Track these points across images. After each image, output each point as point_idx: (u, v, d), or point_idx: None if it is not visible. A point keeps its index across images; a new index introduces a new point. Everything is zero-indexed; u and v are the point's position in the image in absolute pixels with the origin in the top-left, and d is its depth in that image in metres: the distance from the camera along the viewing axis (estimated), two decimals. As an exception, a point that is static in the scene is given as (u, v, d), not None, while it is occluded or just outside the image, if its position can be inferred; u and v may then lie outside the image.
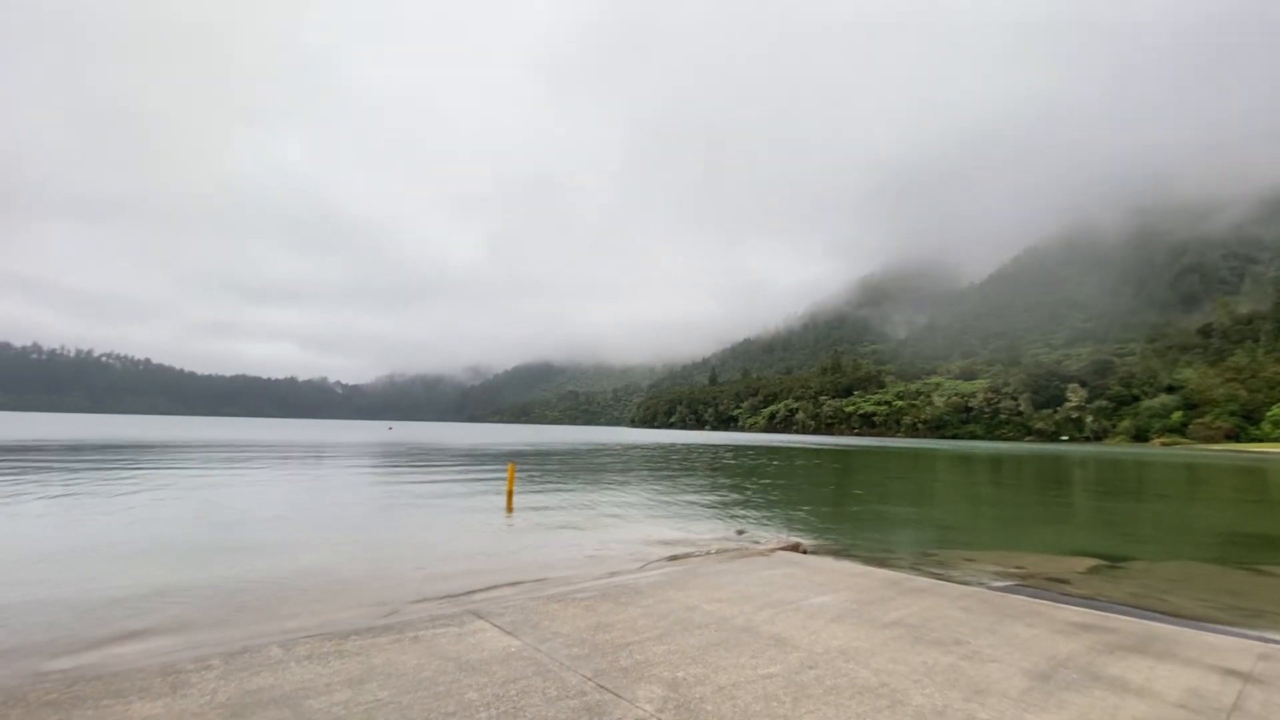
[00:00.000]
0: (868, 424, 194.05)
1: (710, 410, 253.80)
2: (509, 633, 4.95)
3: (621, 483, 20.21)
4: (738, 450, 50.28)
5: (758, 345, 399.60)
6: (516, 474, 17.09)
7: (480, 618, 5.37)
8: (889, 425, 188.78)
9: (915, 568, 8.69)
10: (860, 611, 5.77)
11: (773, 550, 8.75)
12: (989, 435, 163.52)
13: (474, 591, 6.54)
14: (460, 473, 22.35)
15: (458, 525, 11.04)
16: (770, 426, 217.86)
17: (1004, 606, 6.16)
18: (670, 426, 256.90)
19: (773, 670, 4.26)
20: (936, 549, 10.52)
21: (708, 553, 9.01)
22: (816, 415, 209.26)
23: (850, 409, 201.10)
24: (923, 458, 48.81)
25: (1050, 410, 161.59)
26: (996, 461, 46.16)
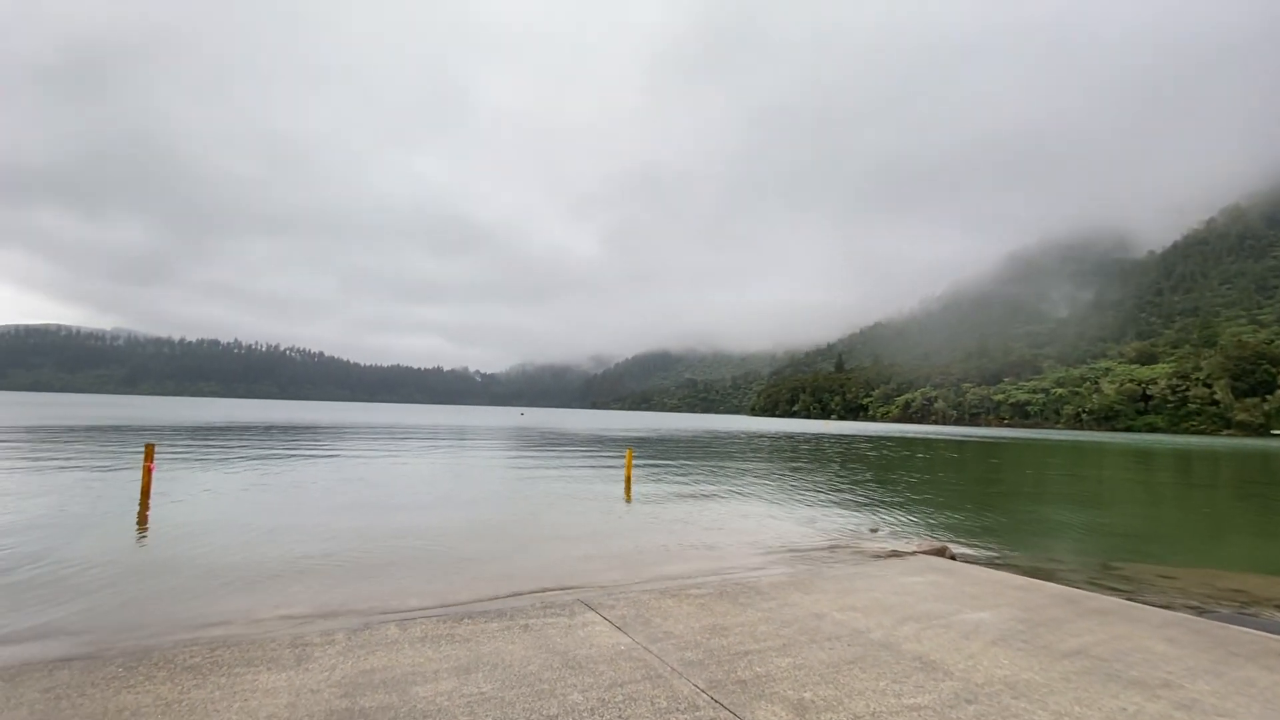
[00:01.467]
0: (1019, 414, 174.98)
1: (837, 399, 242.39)
2: (619, 628, 4.68)
3: (742, 472, 19.56)
4: (875, 441, 47.23)
5: (889, 329, 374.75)
6: (635, 461, 17.07)
7: (591, 609, 5.16)
8: (1046, 415, 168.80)
9: (1094, 583, 7.34)
10: (1029, 634, 4.84)
11: (914, 553, 7.80)
12: (1174, 428, 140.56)
13: (587, 581, 6.37)
14: (582, 458, 22.89)
15: (576, 511, 11.11)
16: (904, 416, 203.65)
17: (1228, 641, 4.88)
18: (793, 415, 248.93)
19: (920, 701, 3.59)
20: (1120, 561, 8.88)
21: (835, 550, 8.24)
22: (958, 404, 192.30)
23: (999, 397, 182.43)
24: (1090, 453, 42.85)
25: (1257, 399, 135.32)
26: (1186, 458, 39.35)
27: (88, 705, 3.23)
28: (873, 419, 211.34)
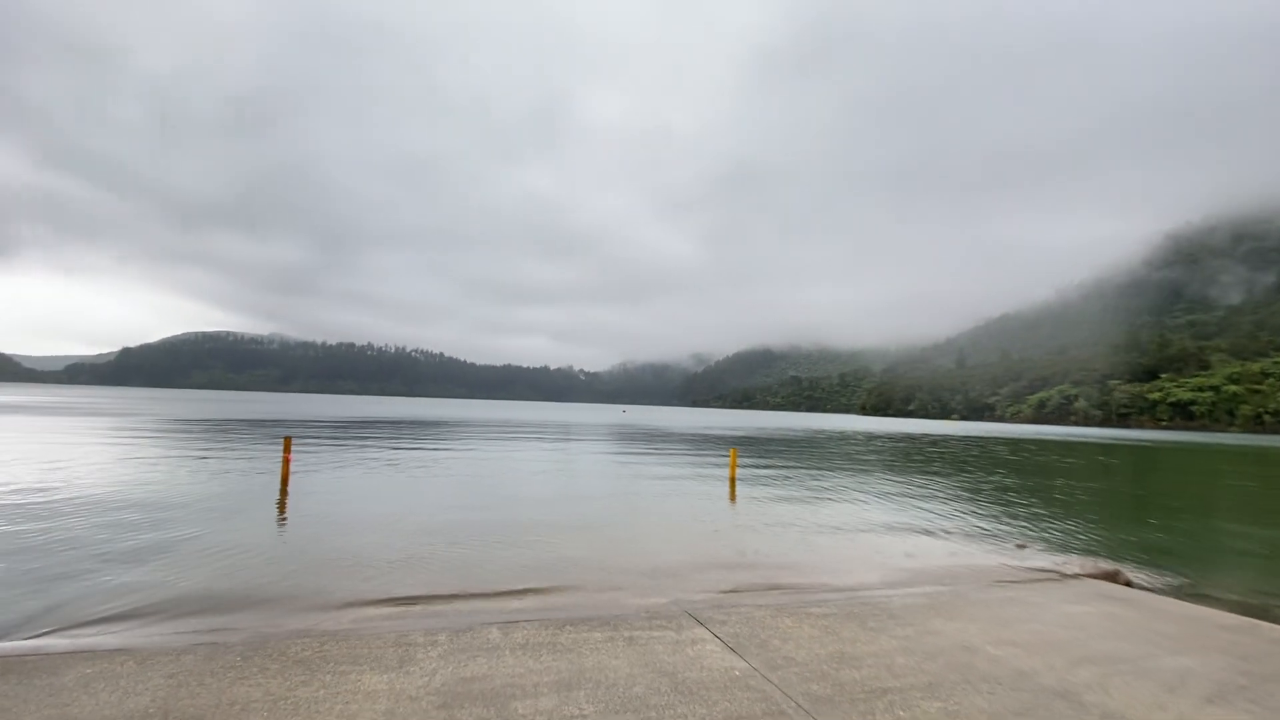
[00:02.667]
0: (1182, 415, 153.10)
1: (958, 397, 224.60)
2: (732, 649, 4.20)
3: (858, 474, 18.27)
4: (1012, 443, 42.95)
5: (1018, 321, 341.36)
6: (739, 461, 16.43)
7: (700, 623, 4.72)
8: (1215, 417, 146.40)
9: (1330, 626, 5.84)
10: (1256, 692, 3.81)
11: (1077, 576, 6.65)
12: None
13: (693, 589, 5.94)
14: (684, 456, 22.51)
15: (679, 511, 10.72)
16: (1038, 417, 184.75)
17: None
18: (908, 415, 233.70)
19: (1126, 777, 2.82)
20: (1357, 598, 7.09)
21: (976, 567, 7.22)
22: (1104, 404, 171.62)
23: (1155, 396, 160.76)
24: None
25: None
26: None
27: (204, 696, 3.26)
28: (1000, 420, 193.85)
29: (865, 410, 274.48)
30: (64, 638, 4.26)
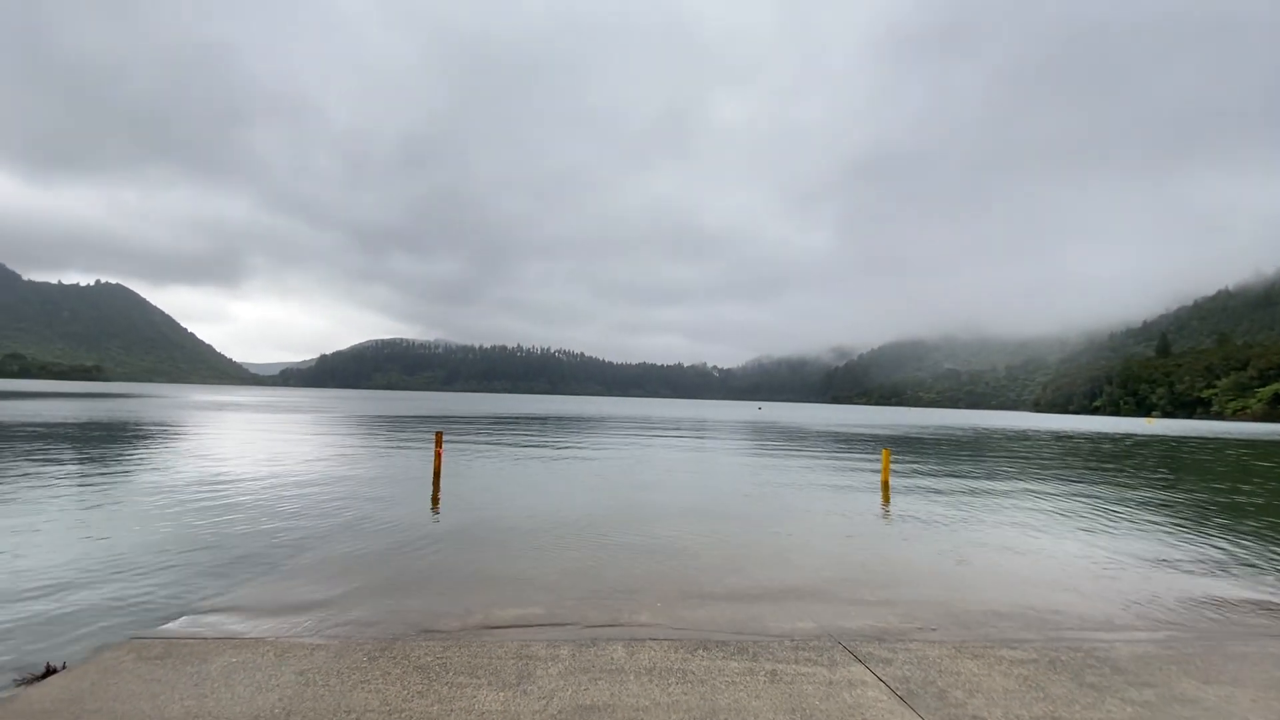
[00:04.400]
0: None
1: (1160, 390, 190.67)
2: (902, 698, 3.42)
3: (1040, 479, 15.75)
4: (1254, 446, 35.20)
5: (1240, 299, 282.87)
6: (891, 463, 14.85)
7: (857, 659, 3.97)
8: None
9: None
10: None
11: (1399, 633, 4.85)
12: None
13: (845, 614, 5.13)
14: (825, 457, 21.02)
15: (824, 519, 9.75)
16: (1272, 413, 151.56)
17: None
18: (1094, 412, 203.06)
19: None
20: None
21: (1224, 606, 5.58)
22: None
23: None
24: None
25: None
26: None
27: (327, 699, 3.19)
28: (1219, 416, 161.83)
29: (1039, 407, 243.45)
30: (222, 617, 4.55)
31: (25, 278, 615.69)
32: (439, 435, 13.56)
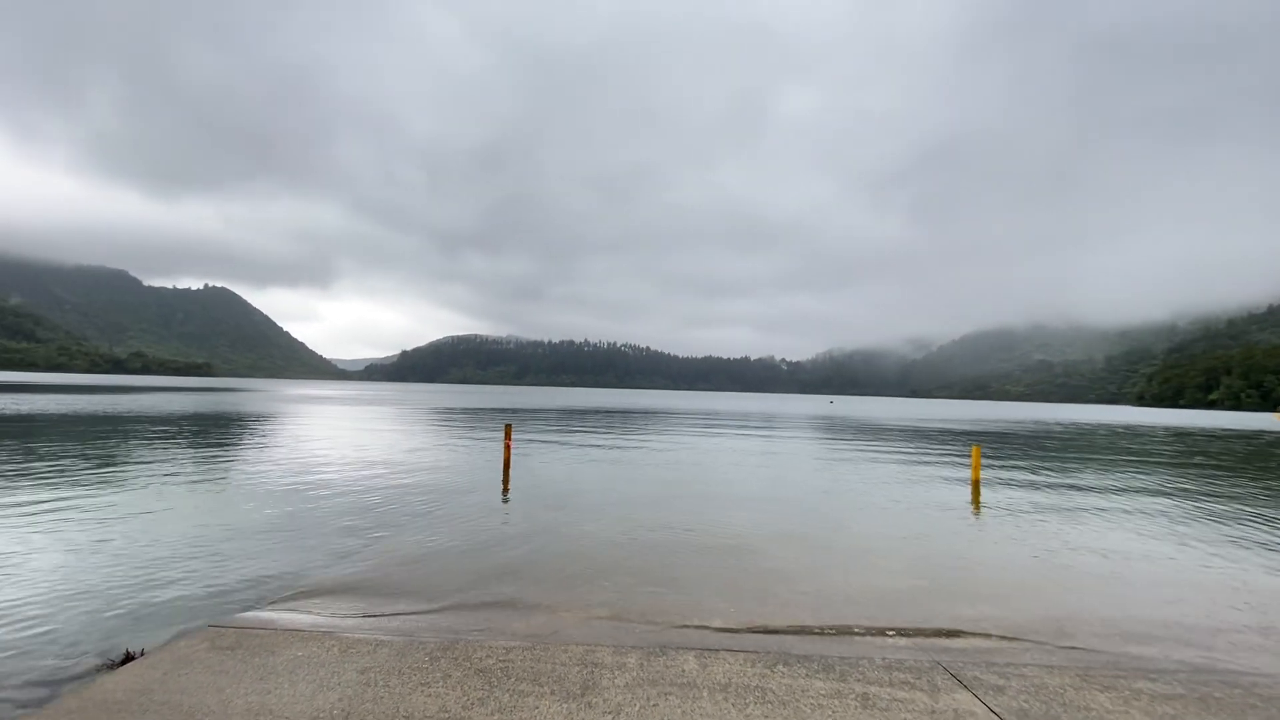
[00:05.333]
0: None
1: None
2: (1020, 736, 2.94)
3: (1157, 481, 14.17)
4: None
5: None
6: (981, 460, 13.76)
7: (961, 684, 3.49)
8: None
9: None
10: None
11: None
12: None
13: (944, 631, 4.61)
14: (907, 453, 19.86)
15: (911, 520, 9.05)
16: None
17: None
18: (1209, 406, 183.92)
19: None
20: None
21: None
22: None
23: None
24: None
25: None
26: None
27: (385, 700, 3.06)
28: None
29: (1144, 400, 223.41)
30: (296, 603, 4.57)
31: (145, 283, 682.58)
32: (508, 428, 13.70)
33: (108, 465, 11.65)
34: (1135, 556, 7.22)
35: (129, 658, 3.53)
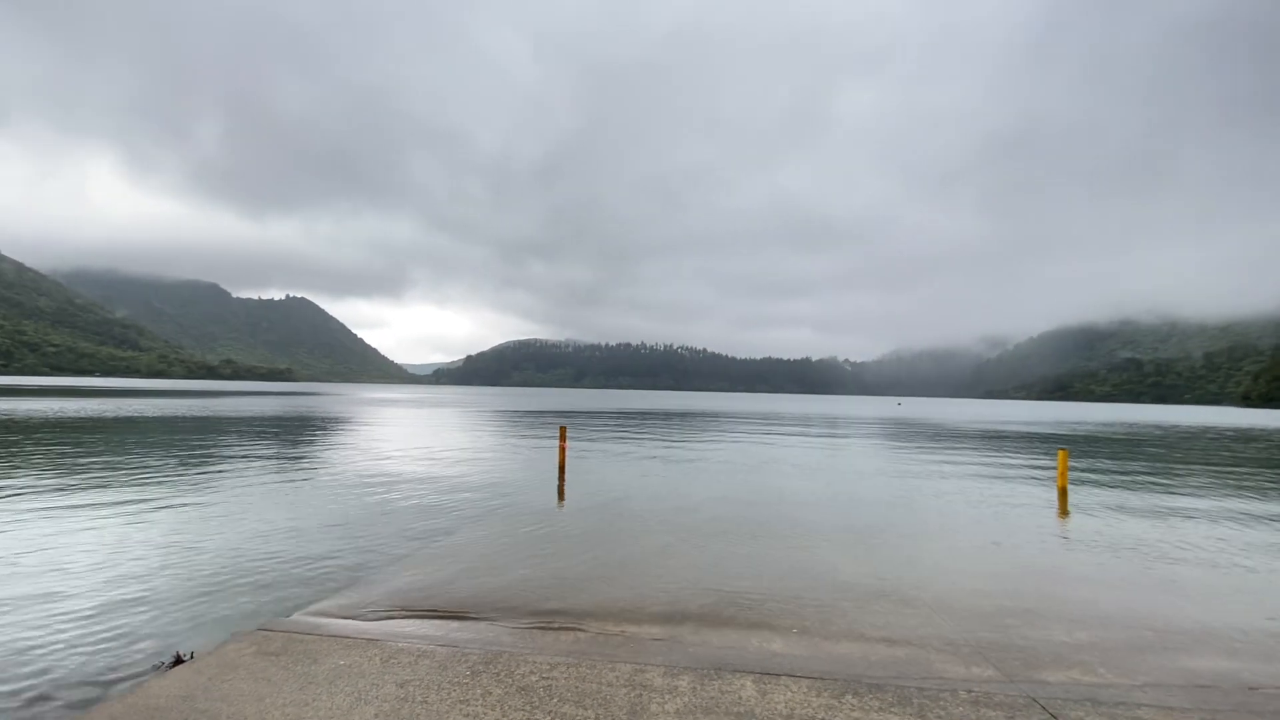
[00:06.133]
0: None
1: None
2: (1143, 798, 2.48)
3: (1264, 486, 12.63)
4: None
5: None
6: (1067, 465, 12.65)
7: (1064, 728, 3.02)
8: None
9: None
10: None
11: None
12: None
13: (1037, 659, 4.09)
14: (985, 458, 18.63)
15: (990, 532, 8.34)
16: None
17: None
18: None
19: None
20: None
21: None
22: None
23: None
24: None
25: None
26: None
27: (422, 717, 2.91)
28: None
29: (1250, 400, 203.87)
30: (337, 616, 4.53)
31: (235, 295, 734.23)
32: (563, 430, 13.66)
33: (195, 466, 12.35)
34: (1259, 586, 6.33)
35: (178, 660, 3.54)
